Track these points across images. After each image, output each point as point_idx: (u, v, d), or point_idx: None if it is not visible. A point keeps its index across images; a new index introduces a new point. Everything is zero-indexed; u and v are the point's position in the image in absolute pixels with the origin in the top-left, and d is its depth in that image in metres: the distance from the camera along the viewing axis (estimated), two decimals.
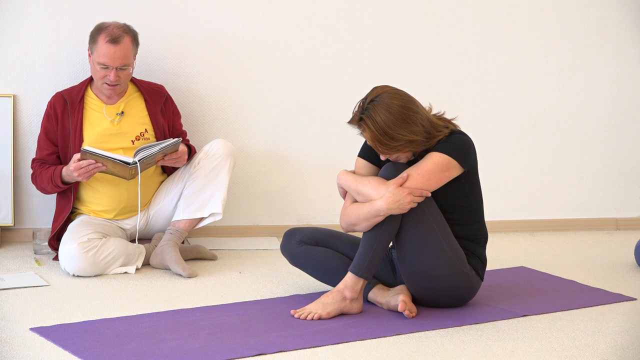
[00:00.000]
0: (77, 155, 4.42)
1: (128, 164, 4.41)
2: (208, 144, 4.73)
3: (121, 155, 4.46)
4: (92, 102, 4.67)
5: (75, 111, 4.62)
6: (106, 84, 4.57)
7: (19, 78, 4.97)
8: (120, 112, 4.66)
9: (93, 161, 4.39)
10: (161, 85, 4.83)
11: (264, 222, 5.31)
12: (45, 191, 4.66)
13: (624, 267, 4.76)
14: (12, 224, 4.99)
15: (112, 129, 4.65)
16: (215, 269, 4.65)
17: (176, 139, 4.53)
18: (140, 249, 4.60)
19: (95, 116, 4.65)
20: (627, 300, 4.21)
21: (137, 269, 4.56)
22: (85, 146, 4.45)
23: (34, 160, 4.70)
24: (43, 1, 4.93)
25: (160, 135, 4.71)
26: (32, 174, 4.69)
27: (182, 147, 4.61)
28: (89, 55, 4.60)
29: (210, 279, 4.47)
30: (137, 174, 4.49)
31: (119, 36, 4.53)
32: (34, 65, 4.97)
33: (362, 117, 3.85)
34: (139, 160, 4.42)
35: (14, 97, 4.97)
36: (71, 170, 4.44)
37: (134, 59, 4.63)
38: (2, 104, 4.95)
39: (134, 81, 4.74)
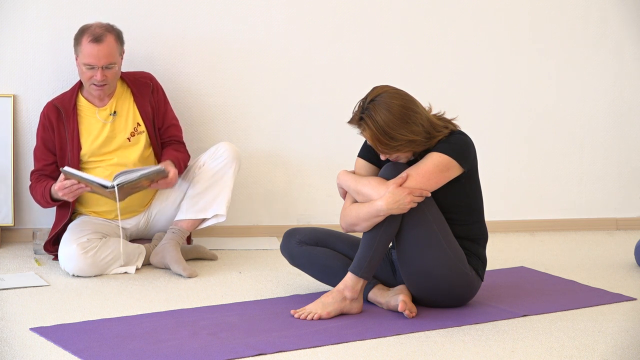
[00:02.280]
0: (63, 175, 4.41)
1: (106, 187, 4.35)
2: (214, 146, 4.73)
3: (101, 178, 4.37)
4: (84, 108, 4.63)
5: (70, 119, 4.59)
6: (94, 84, 4.54)
7: (19, 78, 4.97)
8: (112, 112, 4.64)
9: (76, 181, 4.36)
10: (147, 75, 4.78)
11: (264, 222, 5.31)
12: (40, 204, 4.63)
13: (624, 267, 4.76)
14: (12, 224, 4.99)
15: (107, 131, 4.63)
16: (215, 269, 4.65)
17: (159, 166, 4.44)
18: (140, 249, 4.60)
19: (89, 121, 4.62)
20: (627, 300, 4.21)
21: (137, 269, 4.56)
22: (65, 167, 4.39)
23: (32, 173, 4.66)
24: (43, 2, 4.94)
25: (151, 128, 4.68)
26: (30, 186, 4.66)
27: (173, 170, 4.51)
28: (76, 59, 4.58)
29: (210, 279, 4.47)
30: (119, 197, 4.41)
31: (101, 35, 4.50)
32: (34, 65, 4.97)
33: (362, 116, 3.85)
34: (117, 185, 4.34)
35: (14, 97, 4.97)
36: (56, 189, 4.41)
37: (120, 58, 4.61)
38: (2, 104, 4.95)
39: (121, 76, 4.70)
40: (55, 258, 4.62)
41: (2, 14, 4.92)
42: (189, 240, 4.82)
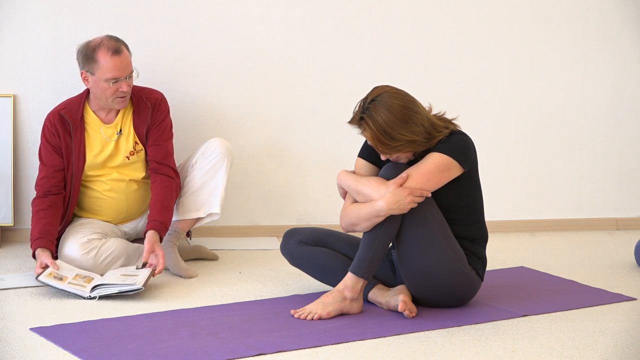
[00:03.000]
0: (45, 260, 4.28)
1: (83, 297, 4.14)
2: (205, 143, 4.70)
3: (78, 289, 4.16)
4: (91, 122, 4.58)
5: (77, 131, 4.51)
6: (119, 97, 4.47)
7: (19, 78, 4.97)
8: (118, 131, 4.59)
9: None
10: (153, 95, 4.65)
11: (264, 222, 5.31)
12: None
13: (624, 267, 4.76)
14: (12, 224, 4.99)
15: (111, 148, 4.58)
16: (215, 269, 4.65)
17: (140, 286, 4.15)
18: (140, 250, 4.59)
19: (94, 136, 4.57)
20: (627, 300, 4.21)
21: (137, 269, 4.56)
22: (41, 277, 4.19)
23: (38, 183, 4.53)
24: (43, 2, 4.93)
25: (145, 147, 4.65)
26: (33, 204, 4.49)
27: (162, 261, 4.32)
28: (85, 79, 4.47)
29: (210, 279, 4.47)
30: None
31: (118, 46, 4.43)
32: (34, 65, 4.97)
33: (362, 116, 3.85)
34: (95, 296, 4.14)
35: (14, 97, 4.97)
36: (35, 271, 4.29)
37: None
38: (2, 104, 4.95)
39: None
40: (56, 258, 4.62)
41: (2, 14, 4.92)
42: (188, 233, 4.80)
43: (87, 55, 4.45)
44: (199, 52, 5.12)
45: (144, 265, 4.42)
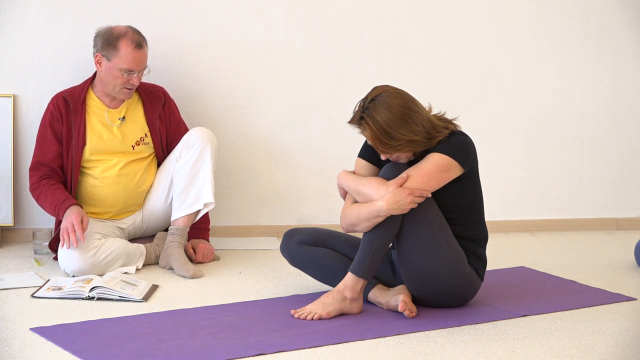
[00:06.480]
0: (83, 215, 4.40)
1: (82, 297, 4.10)
2: (186, 134, 4.71)
3: (78, 288, 4.12)
4: (94, 105, 4.64)
5: (78, 114, 4.59)
6: (126, 88, 4.56)
7: (19, 78, 4.97)
8: (122, 117, 4.65)
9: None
10: (161, 88, 4.81)
11: (264, 222, 5.31)
12: (45, 210, 4.60)
13: (624, 267, 4.76)
14: (12, 224, 4.99)
15: (114, 133, 4.63)
16: (215, 269, 4.65)
17: (138, 297, 4.09)
18: (140, 249, 4.60)
19: (97, 120, 4.63)
20: (627, 300, 4.21)
21: (137, 269, 4.56)
22: (39, 292, 4.14)
23: (35, 168, 4.60)
24: (43, 2, 4.94)
25: (157, 141, 4.70)
26: (34, 187, 4.58)
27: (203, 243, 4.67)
28: (98, 62, 4.56)
29: (210, 279, 4.47)
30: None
31: (141, 41, 4.54)
32: (34, 65, 4.97)
33: (362, 116, 3.85)
34: (94, 295, 4.10)
35: (14, 97, 4.97)
36: (63, 225, 4.39)
37: None
38: (2, 104, 4.95)
39: None
40: (56, 258, 4.62)
41: (2, 14, 4.92)
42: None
43: (109, 41, 4.53)
44: (199, 52, 5.12)
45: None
